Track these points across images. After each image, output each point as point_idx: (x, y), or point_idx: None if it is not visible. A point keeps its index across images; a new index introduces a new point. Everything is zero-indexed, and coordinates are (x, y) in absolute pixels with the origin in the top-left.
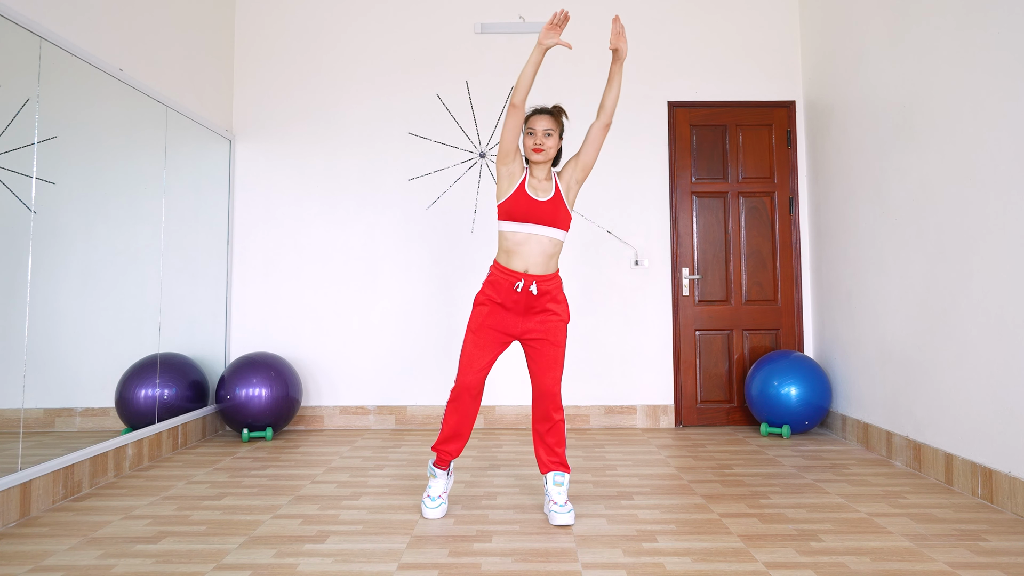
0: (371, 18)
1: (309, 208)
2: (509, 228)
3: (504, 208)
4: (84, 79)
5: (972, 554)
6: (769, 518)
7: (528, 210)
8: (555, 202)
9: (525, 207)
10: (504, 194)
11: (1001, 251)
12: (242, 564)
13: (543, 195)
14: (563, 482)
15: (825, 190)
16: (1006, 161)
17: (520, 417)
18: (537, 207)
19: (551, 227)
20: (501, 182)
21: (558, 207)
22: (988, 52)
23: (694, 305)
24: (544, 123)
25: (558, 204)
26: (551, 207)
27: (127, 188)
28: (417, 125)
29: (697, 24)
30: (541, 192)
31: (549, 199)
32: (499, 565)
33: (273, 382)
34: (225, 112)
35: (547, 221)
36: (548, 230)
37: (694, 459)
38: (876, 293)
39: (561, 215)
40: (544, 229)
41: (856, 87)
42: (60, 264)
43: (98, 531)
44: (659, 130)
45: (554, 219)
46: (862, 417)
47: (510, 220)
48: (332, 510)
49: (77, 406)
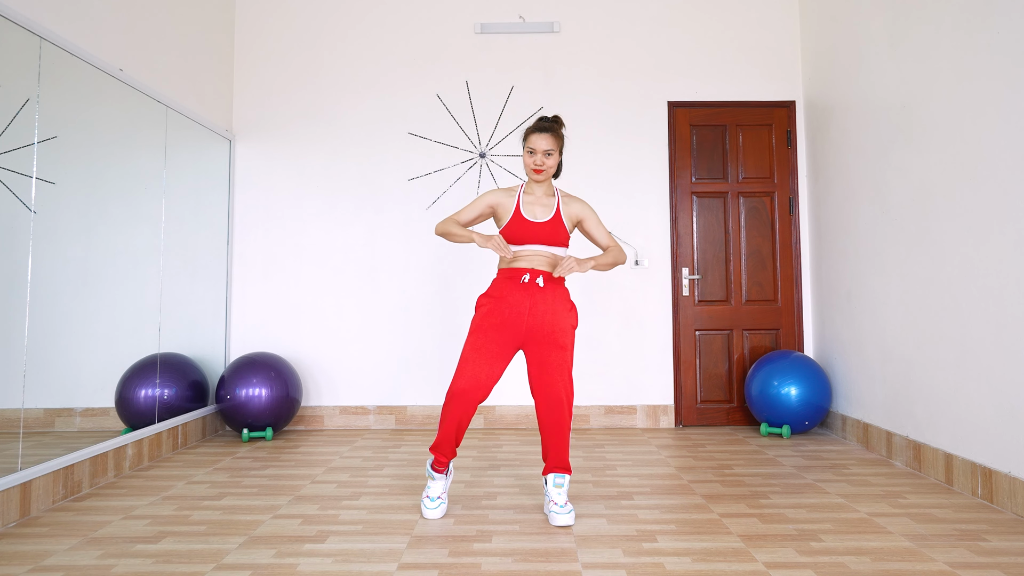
0: (371, 18)
1: (309, 208)
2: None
3: (505, 233)
4: (84, 79)
5: (972, 554)
6: (769, 518)
7: (527, 233)
8: (554, 223)
9: (524, 231)
10: (502, 223)
11: (1001, 251)
12: (242, 564)
13: (542, 215)
14: (563, 484)
15: (825, 190)
16: (1006, 161)
17: (520, 417)
18: (536, 229)
19: (551, 245)
20: (498, 220)
21: (557, 227)
22: (988, 52)
23: (694, 305)
24: (545, 143)
25: (557, 225)
26: (551, 228)
27: (127, 188)
28: (417, 125)
29: (697, 24)
30: (540, 212)
31: (548, 220)
32: (499, 565)
33: (273, 382)
34: (225, 112)
35: (546, 240)
36: (548, 248)
37: (694, 459)
38: (876, 293)
39: (560, 234)
40: (544, 248)
41: (856, 87)
42: (60, 264)
43: (98, 531)
44: (659, 130)
45: (553, 238)
46: (862, 417)
47: (510, 243)
48: (332, 510)
49: (77, 406)
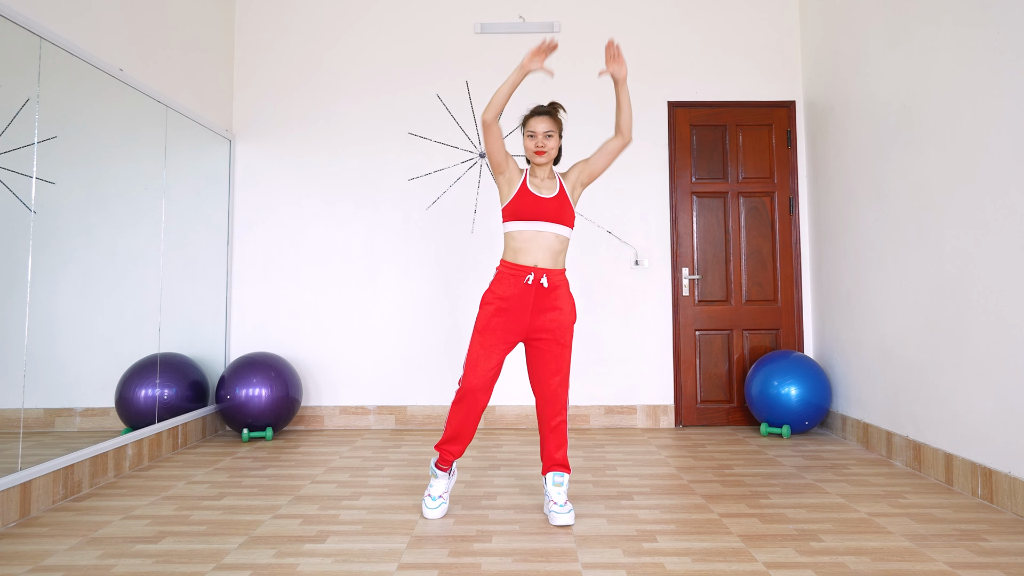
0: (371, 18)
1: (309, 208)
2: (515, 227)
3: (510, 208)
4: (84, 79)
5: (972, 554)
6: (769, 518)
7: (534, 207)
8: (560, 199)
9: (531, 205)
10: (507, 196)
11: (1001, 251)
12: (242, 564)
13: (547, 193)
14: (563, 483)
15: (825, 190)
16: (1006, 161)
17: (520, 417)
18: (542, 204)
19: (557, 223)
20: (502, 188)
21: (563, 204)
22: (988, 51)
23: (694, 305)
24: (545, 125)
25: (563, 201)
26: (556, 204)
27: (127, 188)
28: (417, 125)
29: (697, 24)
30: (545, 190)
31: (554, 196)
32: (499, 565)
33: (273, 382)
34: (225, 112)
35: (552, 218)
36: (554, 227)
37: (694, 459)
38: (876, 293)
39: (566, 212)
40: (550, 226)
41: (856, 87)
42: (60, 264)
43: (98, 531)
44: (659, 130)
45: (559, 215)
46: (862, 417)
47: (516, 219)
48: (332, 510)
49: (77, 406)
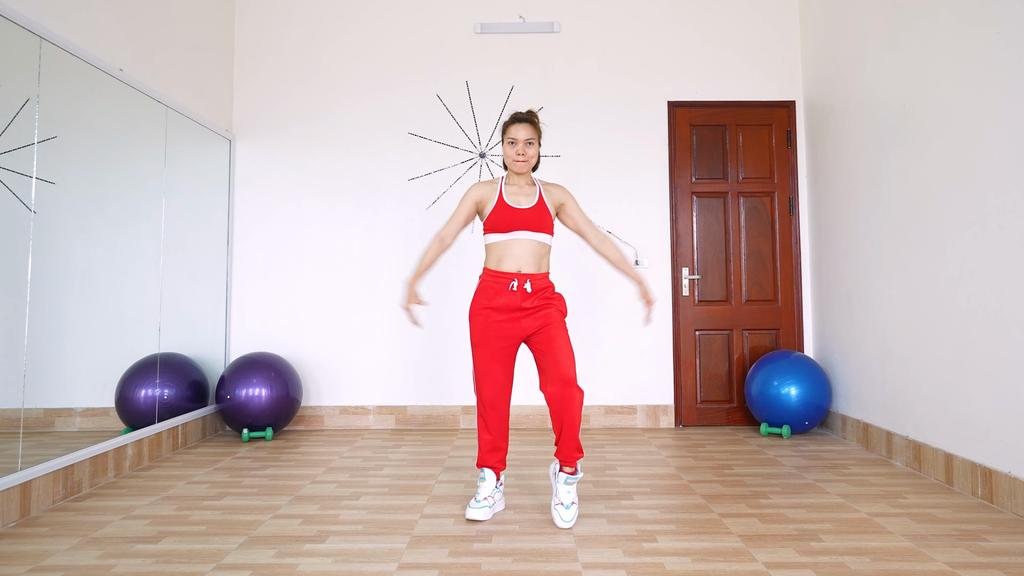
0: (371, 17)
1: (309, 208)
2: (495, 239)
3: (489, 223)
4: (84, 79)
5: (972, 554)
6: (769, 518)
7: (513, 219)
8: (539, 208)
9: (509, 217)
10: (486, 214)
11: (1001, 251)
12: (242, 564)
13: (525, 202)
14: (574, 481)
15: (825, 190)
16: (1006, 161)
17: (520, 417)
18: (520, 215)
19: (536, 232)
20: (480, 210)
21: (542, 213)
22: (988, 51)
23: (694, 305)
24: (525, 132)
25: (542, 210)
26: (535, 213)
27: (127, 188)
28: (417, 125)
29: (697, 24)
30: (523, 199)
31: (532, 206)
32: (499, 565)
33: (273, 382)
34: (225, 112)
35: (532, 227)
36: (533, 235)
37: (694, 459)
38: (876, 293)
39: (545, 220)
40: (529, 234)
41: (856, 87)
42: (60, 264)
43: (98, 531)
44: (659, 130)
45: (539, 224)
46: (862, 417)
47: (495, 232)
48: (332, 510)
49: (77, 406)
